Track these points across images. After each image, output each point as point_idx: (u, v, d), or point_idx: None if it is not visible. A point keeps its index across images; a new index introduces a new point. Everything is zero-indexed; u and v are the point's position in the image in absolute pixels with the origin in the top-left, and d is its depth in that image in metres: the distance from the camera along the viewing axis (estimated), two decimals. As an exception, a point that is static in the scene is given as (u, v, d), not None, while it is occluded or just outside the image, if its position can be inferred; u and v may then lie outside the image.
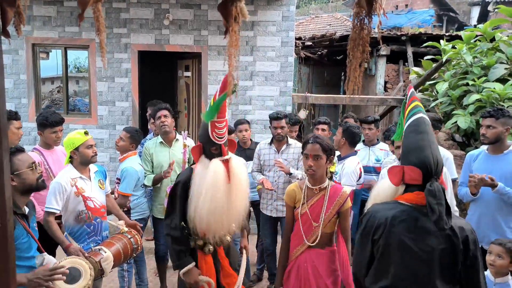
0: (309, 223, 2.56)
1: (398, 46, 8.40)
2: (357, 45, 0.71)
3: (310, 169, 2.51)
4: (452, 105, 5.02)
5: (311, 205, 2.57)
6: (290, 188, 2.68)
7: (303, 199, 2.58)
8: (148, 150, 3.89)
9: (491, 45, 5.13)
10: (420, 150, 1.83)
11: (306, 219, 2.57)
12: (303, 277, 2.55)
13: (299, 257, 2.59)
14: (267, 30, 6.14)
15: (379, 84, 8.42)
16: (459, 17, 21.34)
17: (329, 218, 2.54)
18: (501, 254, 2.53)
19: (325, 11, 23.12)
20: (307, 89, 11.17)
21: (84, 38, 6.15)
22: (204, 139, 2.52)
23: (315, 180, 2.57)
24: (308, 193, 2.59)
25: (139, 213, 3.80)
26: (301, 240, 2.58)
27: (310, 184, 2.59)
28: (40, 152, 3.42)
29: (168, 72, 8.13)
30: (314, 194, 2.58)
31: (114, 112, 6.29)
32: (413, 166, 1.81)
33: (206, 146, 2.53)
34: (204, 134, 2.50)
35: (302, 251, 2.58)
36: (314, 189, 2.58)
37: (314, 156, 2.49)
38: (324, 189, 2.57)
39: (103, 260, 2.68)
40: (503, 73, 4.64)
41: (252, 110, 6.24)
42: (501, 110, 3.01)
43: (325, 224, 2.54)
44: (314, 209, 2.56)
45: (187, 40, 6.15)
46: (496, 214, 3.02)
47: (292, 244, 2.65)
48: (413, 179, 1.81)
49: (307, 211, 2.56)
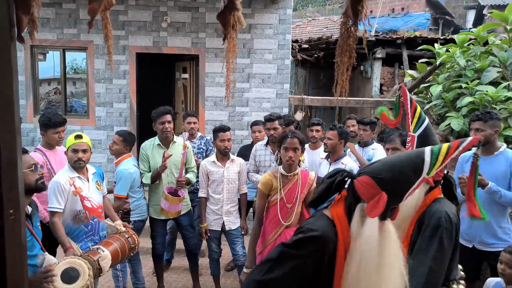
0: (285, 208, 2.91)
1: (394, 49, 8.48)
2: (344, 51, 0.77)
3: (290, 159, 2.88)
4: (445, 108, 5.10)
5: (287, 190, 2.93)
6: (266, 178, 3.01)
7: (280, 185, 2.94)
8: (145, 151, 3.93)
9: (484, 48, 5.22)
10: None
11: (283, 204, 2.91)
12: None
13: (278, 239, 2.88)
14: (264, 33, 6.21)
15: (375, 86, 8.50)
16: (455, 21, 21.50)
17: (302, 198, 2.96)
18: (511, 264, 2.48)
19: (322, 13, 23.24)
20: (303, 91, 11.25)
21: (83, 40, 6.20)
22: (399, 192, 1.49)
23: (291, 168, 2.94)
24: (283, 180, 2.97)
25: (139, 215, 3.84)
26: (278, 223, 2.92)
27: (286, 172, 2.95)
28: (42, 152, 3.46)
29: (166, 74, 8.18)
30: (288, 181, 2.96)
31: (112, 113, 6.33)
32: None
33: (391, 200, 1.44)
34: (404, 185, 1.50)
35: (279, 233, 2.92)
36: (288, 175, 2.96)
37: (294, 148, 2.87)
38: (297, 174, 2.98)
39: (101, 259, 2.73)
40: (495, 76, 4.72)
41: (249, 112, 6.31)
42: (488, 113, 3.06)
43: (299, 204, 2.94)
44: (290, 193, 2.92)
45: (185, 42, 6.21)
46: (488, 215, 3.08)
47: (269, 229, 2.96)
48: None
49: (283, 196, 2.92)
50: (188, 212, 4.06)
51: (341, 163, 3.73)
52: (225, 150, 3.80)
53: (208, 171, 3.83)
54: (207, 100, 6.30)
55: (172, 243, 4.63)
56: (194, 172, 4.08)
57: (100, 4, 0.80)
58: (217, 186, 3.82)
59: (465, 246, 3.25)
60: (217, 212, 3.84)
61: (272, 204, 2.95)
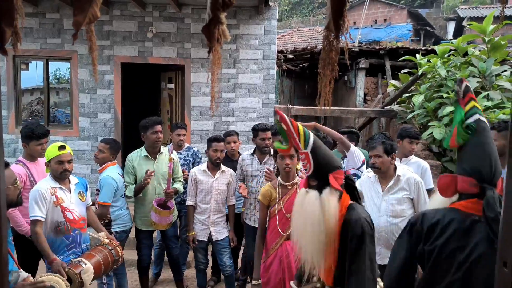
0: (285, 218, 2.83)
1: (377, 59, 8.64)
2: (327, 64, 0.79)
3: (287, 167, 2.84)
4: (428, 117, 5.20)
5: (286, 200, 2.86)
6: (265, 189, 2.95)
7: (278, 196, 2.88)
8: (131, 162, 3.86)
9: (464, 59, 5.35)
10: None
11: (282, 215, 2.84)
12: (286, 265, 2.80)
13: (279, 249, 2.85)
14: (250, 43, 6.26)
15: (359, 96, 8.63)
16: (435, 32, 22.05)
17: None
18: None
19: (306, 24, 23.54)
20: (289, 101, 11.33)
21: (66, 49, 6.15)
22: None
23: (288, 177, 2.90)
24: (282, 190, 2.91)
25: (120, 225, 3.76)
26: (278, 234, 2.86)
27: (284, 182, 2.91)
28: (24, 164, 3.39)
29: (151, 84, 8.15)
30: (287, 190, 2.90)
31: (96, 123, 6.27)
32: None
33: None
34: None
35: (280, 244, 2.86)
36: (287, 185, 2.90)
37: (290, 156, 2.82)
38: (296, 183, 2.92)
39: (83, 272, 2.67)
40: (475, 86, 4.83)
41: (235, 122, 6.32)
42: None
43: None
44: (289, 203, 2.81)
45: (170, 52, 6.21)
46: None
47: (269, 240, 2.91)
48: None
49: (282, 207, 2.85)
50: (174, 223, 4.03)
51: None
52: (216, 161, 3.80)
53: (198, 180, 3.81)
54: (193, 110, 6.29)
55: (161, 256, 4.57)
56: (181, 182, 4.05)
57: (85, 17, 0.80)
58: (205, 196, 3.81)
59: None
60: (204, 222, 3.81)
61: (272, 216, 2.91)
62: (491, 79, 4.97)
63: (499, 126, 3.04)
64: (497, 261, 0.70)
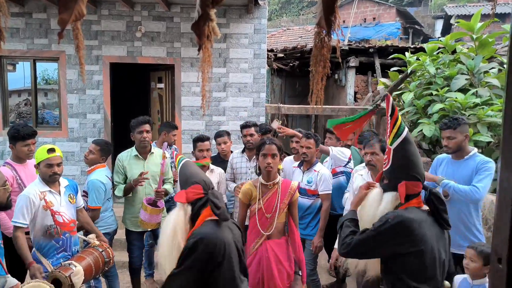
0: (264, 218, 2.82)
1: (367, 57, 8.68)
2: (318, 61, 0.78)
3: (268, 166, 2.79)
4: (417, 114, 5.23)
5: (266, 200, 2.84)
6: (246, 187, 2.92)
7: (259, 195, 2.85)
8: (121, 162, 3.83)
9: (452, 57, 5.40)
10: (417, 164, 2.11)
11: (262, 214, 2.83)
12: (265, 265, 2.78)
13: (259, 249, 2.82)
14: (240, 42, 6.24)
15: (349, 94, 8.66)
16: (424, 30, 22.23)
17: (283, 208, 2.84)
18: (473, 258, 2.61)
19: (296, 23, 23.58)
20: (280, 100, 11.33)
21: (54, 50, 6.06)
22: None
23: (269, 176, 2.85)
24: (263, 189, 2.88)
25: (103, 227, 3.65)
26: (258, 233, 2.84)
27: (265, 181, 2.87)
28: (12, 166, 3.33)
29: (140, 84, 8.08)
30: (268, 190, 2.87)
31: (86, 124, 6.20)
32: (417, 181, 2.09)
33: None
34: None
35: (260, 243, 2.83)
36: (268, 184, 2.87)
37: (272, 154, 2.79)
38: (277, 183, 2.88)
39: (73, 275, 2.64)
40: (464, 83, 4.88)
41: (226, 121, 6.30)
42: (456, 120, 3.14)
43: (280, 214, 2.82)
44: (269, 203, 2.83)
45: (160, 52, 6.16)
46: (457, 219, 3.16)
47: (249, 239, 2.88)
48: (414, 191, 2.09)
49: (262, 206, 2.83)
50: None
51: (313, 170, 3.76)
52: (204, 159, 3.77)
53: None
54: (184, 110, 6.26)
55: (152, 257, 4.52)
56: (171, 183, 4.03)
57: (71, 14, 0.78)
58: None
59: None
60: None
61: (252, 214, 2.87)
62: (479, 76, 5.02)
63: (453, 123, 3.12)
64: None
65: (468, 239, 3.12)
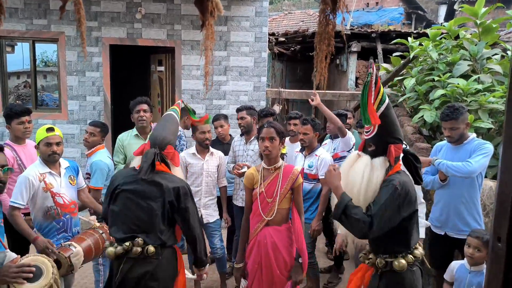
0: (266, 201, 2.80)
1: (369, 43, 8.60)
2: (323, 39, 0.77)
3: (266, 149, 2.76)
4: (419, 100, 5.21)
5: (267, 184, 2.82)
6: (249, 172, 2.92)
7: (261, 179, 2.84)
8: (121, 142, 3.88)
9: (455, 42, 5.35)
10: (398, 127, 2.23)
11: (263, 198, 2.81)
12: (263, 252, 2.78)
13: (259, 234, 2.82)
14: (241, 25, 6.17)
15: (351, 80, 8.62)
16: (427, 15, 21.98)
17: (284, 193, 2.80)
18: (480, 248, 2.63)
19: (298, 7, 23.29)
20: (280, 84, 11.29)
21: (53, 31, 6.00)
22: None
23: (270, 160, 2.82)
24: (265, 173, 2.86)
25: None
26: (259, 217, 2.82)
27: (266, 165, 2.85)
28: (11, 147, 3.34)
29: (140, 66, 8.03)
30: (270, 174, 2.85)
31: (86, 107, 6.18)
32: (400, 143, 2.21)
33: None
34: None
35: (261, 228, 2.82)
36: (270, 169, 2.84)
37: (270, 138, 2.76)
38: (278, 168, 2.85)
39: (72, 256, 2.66)
40: (466, 69, 4.84)
41: (226, 105, 6.28)
42: (458, 110, 3.13)
43: (281, 199, 2.79)
44: (270, 187, 2.81)
45: (160, 34, 6.10)
46: (457, 202, 3.19)
47: (252, 223, 2.88)
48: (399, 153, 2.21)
49: (264, 190, 2.81)
50: None
51: (315, 155, 3.78)
52: (205, 143, 3.78)
53: (187, 163, 3.80)
54: (184, 93, 6.23)
55: None
56: None
57: (72, -12, 0.77)
58: (196, 179, 3.80)
59: (437, 233, 3.36)
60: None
61: (254, 199, 2.86)
62: (482, 62, 4.99)
63: (455, 114, 3.11)
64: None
65: (469, 224, 3.15)
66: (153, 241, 2.40)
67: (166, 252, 2.46)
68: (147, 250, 2.37)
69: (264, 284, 2.79)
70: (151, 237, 2.40)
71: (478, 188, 3.19)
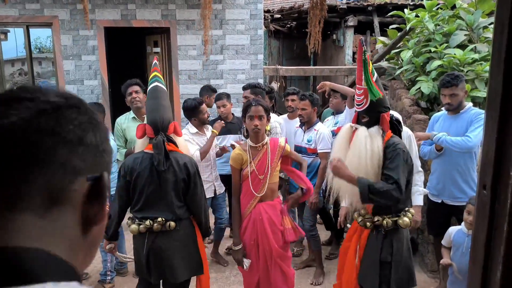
0: (257, 179, 2.83)
1: (365, 16, 8.52)
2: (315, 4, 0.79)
3: (256, 127, 2.76)
4: (416, 72, 5.20)
5: (257, 161, 2.84)
6: (235, 152, 2.91)
7: (250, 158, 2.84)
8: (120, 125, 3.91)
9: (452, 12, 5.31)
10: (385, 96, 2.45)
11: (255, 176, 2.83)
12: (259, 228, 2.82)
13: (253, 212, 2.84)
14: (236, 3, 6.11)
15: (348, 55, 8.58)
16: (424, -13, 21.62)
17: (274, 167, 2.87)
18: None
19: (293, -17, 22.86)
20: (277, 62, 11.21)
21: (47, 15, 5.94)
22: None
23: (258, 138, 2.83)
24: (253, 152, 2.86)
25: (113, 189, 3.79)
26: (251, 196, 2.85)
27: (254, 143, 2.85)
28: None
29: (136, 48, 7.98)
30: (258, 151, 2.86)
31: (83, 91, 6.18)
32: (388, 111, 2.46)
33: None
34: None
35: (254, 205, 2.85)
36: (257, 146, 2.85)
37: (259, 116, 2.76)
38: (266, 144, 2.87)
39: None
40: (463, 39, 4.83)
41: (224, 84, 6.27)
42: (458, 77, 3.15)
43: (272, 173, 2.84)
44: (261, 164, 2.84)
45: (155, 15, 6.04)
46: (453, 170, 3.25)
47: (244, 202, 2.89)
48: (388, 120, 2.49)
49: (255, 168, 2.83)
50: None
51: (314, 129, 3.82)
52: (207, 120, 3.93)
53: (197, 142, 3.86)
54: (181, 74, 6.22)
55: None
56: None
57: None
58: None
59: (434, 201, 3.43)
60: (208, 180, 3.92)
61: (245, 178, 2.86)
62: (478, 32, 4.96)
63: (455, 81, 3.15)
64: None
65: (464, 191, 3.21)
66: (172, 217, 2.64)
67: (183, 223, 2.71)
68: (169, 225, 2.63)
69: (260, 260, 2.84)
70: (169, 214, 2.63)
71: (474, 157, 3.25)
